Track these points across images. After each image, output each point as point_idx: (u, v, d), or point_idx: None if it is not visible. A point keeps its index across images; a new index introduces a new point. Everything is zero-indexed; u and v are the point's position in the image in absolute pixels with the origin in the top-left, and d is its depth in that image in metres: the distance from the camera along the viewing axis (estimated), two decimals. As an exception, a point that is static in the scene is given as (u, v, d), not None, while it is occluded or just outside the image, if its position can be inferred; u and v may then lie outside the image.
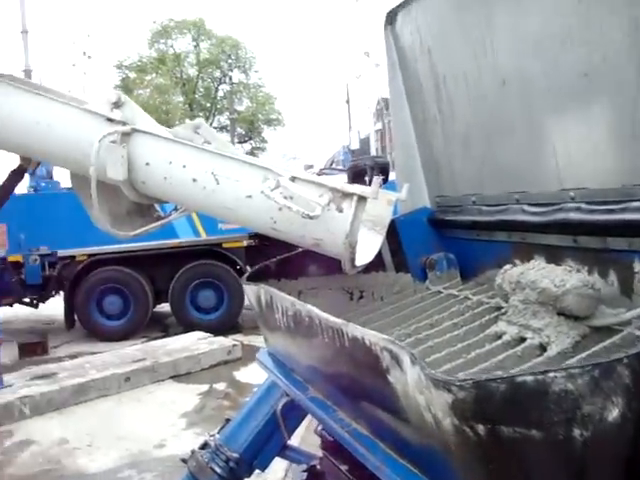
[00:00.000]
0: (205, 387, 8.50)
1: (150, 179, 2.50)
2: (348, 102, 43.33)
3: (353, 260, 2.25)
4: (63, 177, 12.05)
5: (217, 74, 46.26)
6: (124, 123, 2.48)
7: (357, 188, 2.22)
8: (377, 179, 2.19)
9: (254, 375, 8.52)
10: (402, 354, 1.30)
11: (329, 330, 1.70)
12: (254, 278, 2.65)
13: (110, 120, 2.49)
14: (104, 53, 60.90)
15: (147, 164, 2.47)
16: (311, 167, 25.87)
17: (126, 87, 41.52)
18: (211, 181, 2.36)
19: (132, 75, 43.51)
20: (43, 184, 12.48)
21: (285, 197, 2.19)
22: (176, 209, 2.99)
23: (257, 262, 11.38)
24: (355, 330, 1.54)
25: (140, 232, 2.86)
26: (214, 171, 2.35)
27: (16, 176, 3.09)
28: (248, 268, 12.16)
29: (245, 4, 67.98)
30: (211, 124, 41.93)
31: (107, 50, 66.59)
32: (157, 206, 3.07)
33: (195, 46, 45.73)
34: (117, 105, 2.51)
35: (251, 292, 2.53)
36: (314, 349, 2.03)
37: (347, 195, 2.18)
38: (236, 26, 77.42)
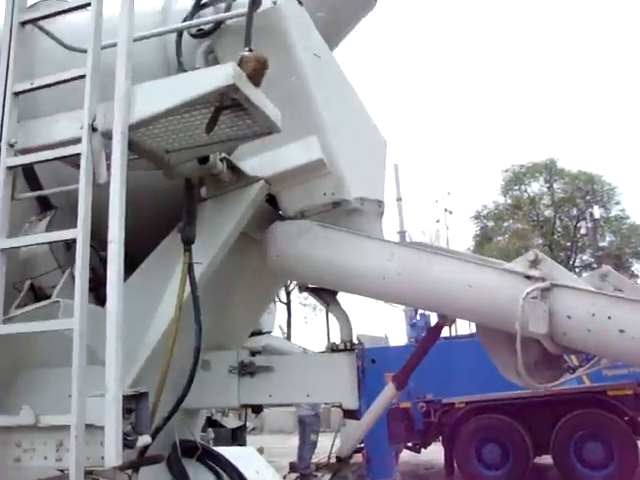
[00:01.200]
0: None
1: (571, 331, 2.55)
2: None
3: None
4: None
5: (574, 212, 45.23)
6: (543, 279, 2.61)
7: None
8: None
9: None
10: None
11: None
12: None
13: (529, 277, 2.65)
14: (463, 207, 64.70)
15: (569, 317, 2.53)
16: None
17: (484, 235, 43.10)
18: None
19: (490, 224, 45.01)
20: (423, 335, 13.28)
21: None
22: (587, 359, 2.96)
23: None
24: None
25: (557, 383, 2.88)
26: (645, 321, 2.31)
27: (435, 333, 3.40)
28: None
29: (596, 136, 66.48)
30: (573, 263, 40.65)
31: (465, 204, 70.42)
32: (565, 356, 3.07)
33: (548, 187, 45.75)
34: (534, 263, 2.67)
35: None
36: None
37: None
38: (590, 160, 75.62)
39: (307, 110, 3.44)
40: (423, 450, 12.95)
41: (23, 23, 2.92)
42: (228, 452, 4.38)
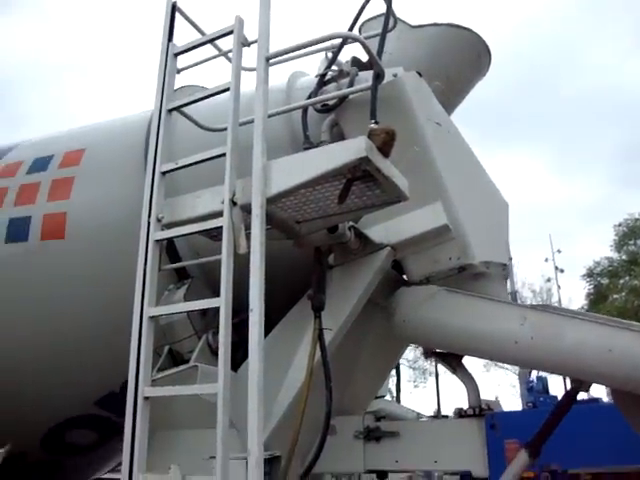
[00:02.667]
0: None
1: None
2: None
3: None
4: (559, 390, 12.10)
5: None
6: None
7: None
8: None
9: None
10: None
11: None
12: None
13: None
14: (574, 264, 61.82)
15: None
16: None
17: (599, 294, 41.00)
18: None
19: (604, 281, 42.85)
20: (541, 399, 12.69)
21: None
22: None
23: None
24: None
25: None
26: None
27: (570, 399, 3.28)
28: None
29: None
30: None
31: (576, 261, 67.19)
32: None
33: (668, 239, 43.18)
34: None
35: None
36: None
37: None
38: None
39: (431, 177, 3.51)
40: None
41: (170, 110, 3.19)
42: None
